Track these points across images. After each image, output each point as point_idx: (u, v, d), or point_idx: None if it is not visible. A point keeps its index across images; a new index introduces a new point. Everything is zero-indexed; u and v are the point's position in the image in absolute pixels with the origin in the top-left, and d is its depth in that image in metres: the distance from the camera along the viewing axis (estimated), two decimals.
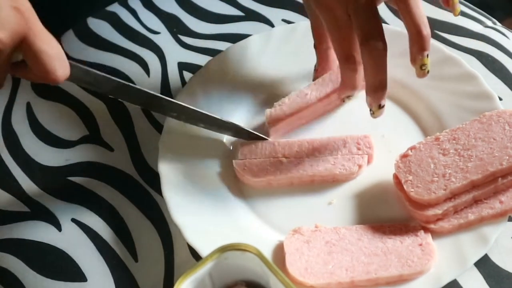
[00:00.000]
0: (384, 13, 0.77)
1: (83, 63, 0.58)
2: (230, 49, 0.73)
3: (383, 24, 0.71)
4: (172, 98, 0.66)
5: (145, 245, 0.63)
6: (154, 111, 0.70)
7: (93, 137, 0.71)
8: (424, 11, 0.58)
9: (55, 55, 0.51)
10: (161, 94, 0.72)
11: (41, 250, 0.64)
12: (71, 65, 0.54)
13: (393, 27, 0.72)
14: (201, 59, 0.75)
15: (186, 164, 0.65)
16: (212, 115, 0.65)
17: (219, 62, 0.72)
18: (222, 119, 0.65)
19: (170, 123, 0.67)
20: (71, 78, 0.54)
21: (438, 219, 0.58)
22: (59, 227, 0.65)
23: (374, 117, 0.61)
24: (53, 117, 0.73)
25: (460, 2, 0.78)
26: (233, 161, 0.64)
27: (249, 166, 0.64)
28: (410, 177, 0.60)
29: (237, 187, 0.65)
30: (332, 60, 0.67)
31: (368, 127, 0.66)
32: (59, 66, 0.51)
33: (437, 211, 0.58)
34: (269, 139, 0.66)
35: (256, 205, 0.63)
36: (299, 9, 0.75)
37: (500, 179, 0.58)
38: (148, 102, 0.63)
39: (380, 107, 0.60)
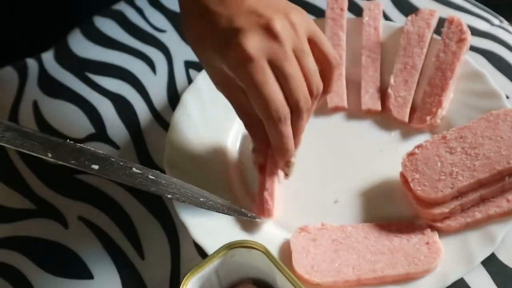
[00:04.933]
0: (387, 9, 0.77)
1: None
2: None
3: (386, 22, 0.72)
4: (178, 96, 0.66)
5: (151, 243, 0.63)
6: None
7: (100, 135, 0.71)
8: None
9: None
10: (167, 92, 0.73)
11: (47, 248, 0.64)
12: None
13: (394, 23, 0.72)
14: None
15: (192, 162, 0.65)
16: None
17: None
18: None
19: (177, 121, 0.67)
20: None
21: (445, 218, 0.58)
22: (65, 225, 0.65)
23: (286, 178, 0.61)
24: (59, 115, 0.73)
25: (468, 1, 0.78)
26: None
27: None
28: (417, 176, 0.59)
29: (244, 185, 0.65)
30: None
31: (376, 127, 0.66)
32: None
33: (444, 209, 0.58)
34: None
35: None
36: (306, 9, 0.75)
37: (507, 177, 0.58)
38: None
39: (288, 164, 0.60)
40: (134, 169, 0.55)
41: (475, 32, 0.73)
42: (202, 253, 0.60)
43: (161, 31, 0.79)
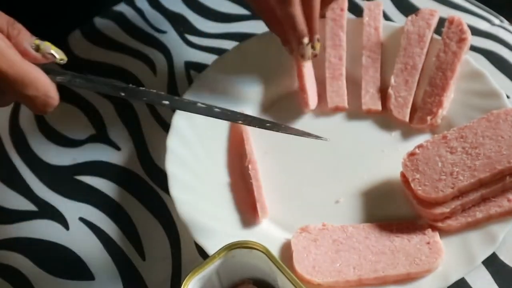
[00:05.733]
0: (387, 9, 0.77)
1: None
2: (236, 48, 0.73)
3: (386, 23, 0.72)
4: (179, 96, 0.66)
5: (152, 244, 0.63)
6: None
7: (100, 136, 0.71)
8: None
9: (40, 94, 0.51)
10: (168, 93, 0.73)
11: (48, 248, 0.64)
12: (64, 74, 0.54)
13: (394, 23, 0.72)
14: (207, 58, 0.75)
15: (193, 162, 0.65)
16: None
17: (225, 61, 0.72)
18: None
19: (177, 121, 0.67)
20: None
21: (446, 217, 0.58)
22: (66, 226, 0.65)
23: (304, 59, 0.67)
24: (60, 117, 0.73)
25: (468, 1, 0.78)
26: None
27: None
28: (418, 176, 0.59)
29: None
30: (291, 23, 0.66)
31: (377, 127, 0.66)
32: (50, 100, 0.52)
33: (445, 209, 0.58)
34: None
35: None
36: None
37: (508, 177, 0.58)
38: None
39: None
40: (199, 104, 0.58)
41: (476, 32, 0.73)
42: (203, 254, 0.60)
43: (161, 32, 0.79)
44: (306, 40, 0.65)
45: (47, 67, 0.53)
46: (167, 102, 0.56)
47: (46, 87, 0.51)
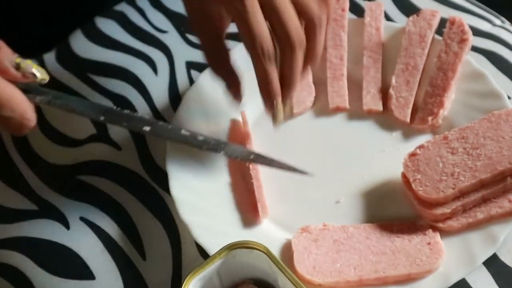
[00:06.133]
0: (389, 10, 0.77)
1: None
2: (238, 47, 0.72)
3: (387, 23, 0.72)
4: (179, 96, 0.66)
5: (153, 243, 0.63)
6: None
7: (101, 135, 0.71)
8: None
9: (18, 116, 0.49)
10: (169, 93, 0.73)
11: (49, 248, 0.64)
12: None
13: (396, 24, 0.72)
14: None
15: (194, 162, 0.65)
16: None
17: None
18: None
19: (178, 121, 0.67)
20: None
21: (447, 218, 0.58)
22: (67, 226, 0.65)
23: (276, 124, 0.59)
24: (61, 116, 0.73)
25: (469, 1, 0.78)
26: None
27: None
28: (419, 176, 0.59)
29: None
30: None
31: (378, 127, 0.66)
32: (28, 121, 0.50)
33: (446, 210, 0.58)
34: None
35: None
36: None
37: (509, 178, 0.58)
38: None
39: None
40: (183, 131, 0.56)
41: (477, 32, 0.73)
42: (204, 254, 0.60)
43: (162, 32, 0.79)
44: (280, 104, 0.58)
45: (28, 86, 0.51)
46: (148, 128, 0.55)
47: (23, 108, 0.49)
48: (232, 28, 0.78)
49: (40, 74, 0.51)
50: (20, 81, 0.50)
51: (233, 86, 0.61)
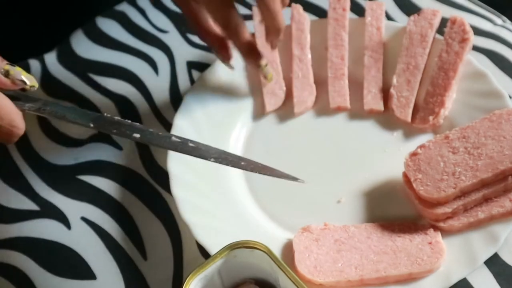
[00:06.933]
0: (390, 9, 0.77)
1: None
2: None
3: (388, 22, 0.72)
4: (180, 96, 0.66)
5: (154, 243, 0.63)
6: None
7: (102, 136, 0.71)
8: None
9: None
10: (169, 92, 0.73)
11: (50, 248, 0.64)
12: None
13: (397, 23, 0.72)
14: (209, 58, 0.75)
15: (195, 162, 0.65)
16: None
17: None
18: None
19: (179, 121, 0.67)
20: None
21: (448, 218, 0.58)
22: (68, 226, 0.65)
23: (267, 80, 0.68)
24: None
25: (470, 1, 0.78)
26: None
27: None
28: (420, 176, 0.59)
29: (246, 185, 0.65)
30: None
31: (379, 127, 0.66)
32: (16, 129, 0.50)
33: (447, 209, 0.58)
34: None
35: (265, 203, 0.63)
36: (308, 9, 0.75)
37: (510, 177, 0.58)
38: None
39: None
40: (173, 138, 0.56)
41: (478, 32, 0.73)
42: (205, 253, 0.60)
43: (163, 32, 0.79)
44: (263, 62, 0.67)
45: (17, 93, 0.51)
46: (138, 136, 0.54)
47: (11, 116, 0.49)
48: None
49: (29, 81, 0.51)
50: (9, 88, 0.50)
51: (222, 50, 0.68)
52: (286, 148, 0.67)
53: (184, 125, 0.67)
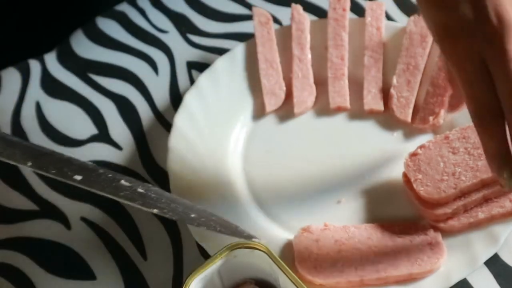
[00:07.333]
0: (390, 9, 0.77)
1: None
2: (238, 47, 0.73)
3: (388, 23, 0.72)
4: (180, 97, 0.66)
5: (154, 244, 0.63)
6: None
7: (102, 136, 0.71)
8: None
9: None
10: (169, 93, 0.73)
11: (50, 248, 0.64)
12: None
13: (397, 23, 0.72)
14: (209, 58, 0.75)
15: (195, 162, 0.65)
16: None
17: (227, 60, 0.72)
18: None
19: (179, 121, 0.67)
20: None
21: (448, 218, 0.58)
22: (68, 226, 0.65)
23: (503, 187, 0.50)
24: (62, 116, 0.73)
25: None
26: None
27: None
28: (420, 176, 0.59)
29: (246, 185, 0.65)
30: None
31: (379, 127, 0.66)
32: None
33: (447, 210, 0.58)
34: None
35: (265, 203, 0.63)
36: (307, 9, 0.75)
37: None
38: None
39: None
40: (122, 181, 0.53)
41: None
42: (205, 254, 0.60)
43: (163, 32, 0.79)
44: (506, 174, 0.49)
45: None
46: (79, 178, 0.51)
47: None
48: (235, 28, 0.78)
49: None
50: None
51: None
52: (286, 148, 0.67)
53: (184, 125, 0.67)
